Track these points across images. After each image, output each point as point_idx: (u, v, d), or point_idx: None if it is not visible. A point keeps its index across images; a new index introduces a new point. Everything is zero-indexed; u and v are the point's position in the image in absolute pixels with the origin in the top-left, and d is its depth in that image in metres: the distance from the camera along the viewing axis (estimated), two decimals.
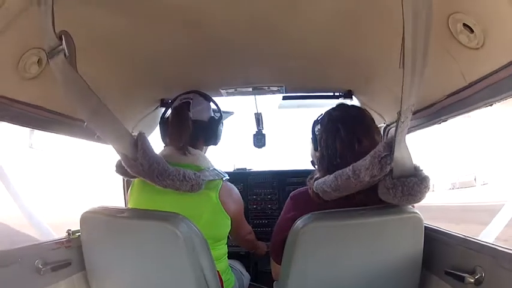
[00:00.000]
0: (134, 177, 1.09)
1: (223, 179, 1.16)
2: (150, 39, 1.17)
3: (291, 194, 1.12)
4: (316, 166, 1.17)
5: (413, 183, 0.84)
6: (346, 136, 1.01)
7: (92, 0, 0.93)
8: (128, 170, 1.02)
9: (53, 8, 0.79)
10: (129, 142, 0.99)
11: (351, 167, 0.89)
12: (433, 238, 1.04)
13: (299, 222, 0.92)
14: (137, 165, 0.99)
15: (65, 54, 0.83)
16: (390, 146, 0.82)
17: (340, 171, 0.92)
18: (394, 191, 0.85)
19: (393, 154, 0.82)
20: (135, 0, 0.95)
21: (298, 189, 1.11)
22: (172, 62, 1.37)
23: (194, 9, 0.99)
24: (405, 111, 0.77)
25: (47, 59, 0.86)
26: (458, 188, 10.22)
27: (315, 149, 1.13)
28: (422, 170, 0.87)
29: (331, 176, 0.93)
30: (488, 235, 2.53)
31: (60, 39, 0.83)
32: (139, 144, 0.99)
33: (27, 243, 1.08)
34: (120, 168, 1.09)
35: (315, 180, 1.01)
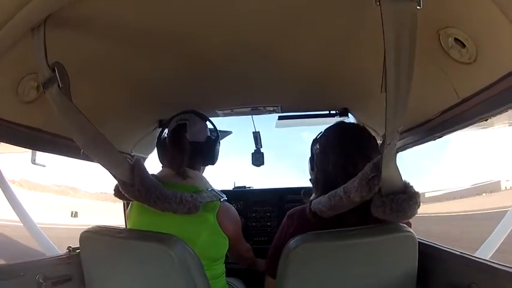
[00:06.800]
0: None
1: (221, 199, 1.16)
2: (147, 63, 1.20)
3: (288, 213, 1.12)
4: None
5: (401, 200, 0.84)
6: (338, 161, 1.02)
7: (87, 28, 0.96)
8: (126, 195, 1.04)
9: (45, 40, 0.81)
10: (126, 168, 1.00)
11: (342, 188, 0.91)
12: (429, 254, 1.02)
13: (291, 243, 0.92)
14: (134, 191, 1.01)
15: (58, 85, 0.85)
16: (377, 167, 0.82)
17: (333, 192, 0.93)
18: (383, 208, 0.85)
19: (381, 174, 0.82)
20: (130, 28, 0.98)
21: (295, 207, 1.12)
22: (170, 84, 1.40)
23: (190, 35, 1.03)
24: (390, 133, 0.75)
25: (43, 89, 0.89)
26: None
27: (312, 169, 1.16)
28: (412, 187, 0.87)
29: (326, 196, 0.95)
30: (487, 249, 2.45)
31: (53, 70, 0.85)
32: (135, 170, 1.00)
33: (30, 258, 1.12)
34: (118, 193, 1.10)
35: (311, 201, 1.02)
